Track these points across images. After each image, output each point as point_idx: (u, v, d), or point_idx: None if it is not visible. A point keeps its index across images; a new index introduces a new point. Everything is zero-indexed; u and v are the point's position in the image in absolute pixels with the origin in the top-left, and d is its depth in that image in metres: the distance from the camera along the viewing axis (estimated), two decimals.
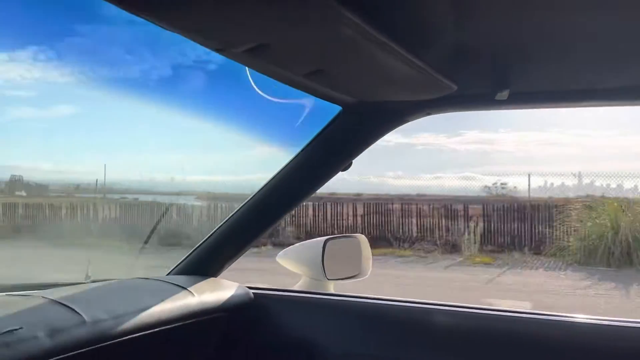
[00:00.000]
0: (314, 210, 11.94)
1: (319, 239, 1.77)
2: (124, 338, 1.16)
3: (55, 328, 1.02)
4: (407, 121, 1.43)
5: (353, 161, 1.52)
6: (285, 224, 10.97)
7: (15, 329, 0.95)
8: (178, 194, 11.13)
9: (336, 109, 1.45)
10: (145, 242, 1.95)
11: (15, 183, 10.03)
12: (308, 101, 1.46)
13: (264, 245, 9.60)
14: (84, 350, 1.06)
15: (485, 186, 11.84)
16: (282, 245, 5.23)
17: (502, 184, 11.77)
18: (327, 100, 1.38)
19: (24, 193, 10.17)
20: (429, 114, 1.40)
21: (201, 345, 1.53)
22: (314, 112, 1.59)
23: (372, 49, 0.95)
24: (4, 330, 0.93)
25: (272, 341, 1.59)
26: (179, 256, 1.66)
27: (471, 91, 1.30)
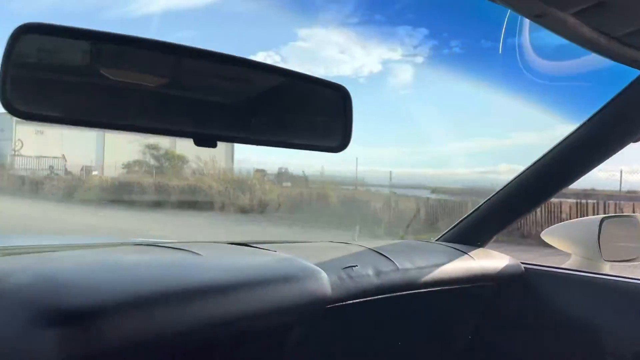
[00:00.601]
0: None
1: (592, 217, 1.68)
2: (423, 290, 1.28)
3: (378, 270, 1.18)
4: None
5: None
6: None
7: (353, 266, 1.13)
8: (431, 188, 11.40)
9: (632, 73, 1.35)
10: (405, 232, 2.11)
11: (282, 175, 11.76)
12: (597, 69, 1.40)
13: None
14: (398, 294, 1.20)
15: None
16: None
17: None
18: (627, 64, 1.29)
19: (289, 184, 11.76)
20: None
21: (471, 309, 1.59)
22: (601, 78, 1.52)
23: None
24: (346, 266, 1.13)
25: (541, 316, 1.57)
26: None
27: None
